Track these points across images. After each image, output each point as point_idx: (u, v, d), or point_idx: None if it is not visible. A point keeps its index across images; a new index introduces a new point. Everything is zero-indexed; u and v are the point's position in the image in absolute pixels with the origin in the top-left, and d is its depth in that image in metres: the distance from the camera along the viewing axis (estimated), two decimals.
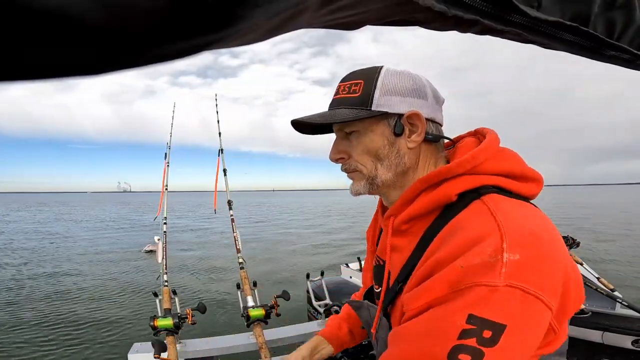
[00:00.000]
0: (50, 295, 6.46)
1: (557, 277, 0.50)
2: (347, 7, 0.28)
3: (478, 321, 0.46)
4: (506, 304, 0.46)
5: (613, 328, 1.65)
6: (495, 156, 0.61)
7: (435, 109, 0.65)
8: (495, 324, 0.46)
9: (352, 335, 0.99)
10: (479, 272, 0.48)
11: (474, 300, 0.47)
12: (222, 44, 0.21)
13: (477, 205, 0.56)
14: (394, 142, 0.63)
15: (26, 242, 13.01)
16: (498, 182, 0.59)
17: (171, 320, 1.38)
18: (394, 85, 0.61)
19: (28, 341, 4.54)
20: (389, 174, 0.64)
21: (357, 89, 0.62)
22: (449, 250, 0.53)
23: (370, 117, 0.61)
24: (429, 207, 0.61)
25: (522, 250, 0.48)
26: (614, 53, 0.50)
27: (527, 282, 0.47)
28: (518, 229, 0.51)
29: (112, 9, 0.16)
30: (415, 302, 0.55)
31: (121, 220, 23.09)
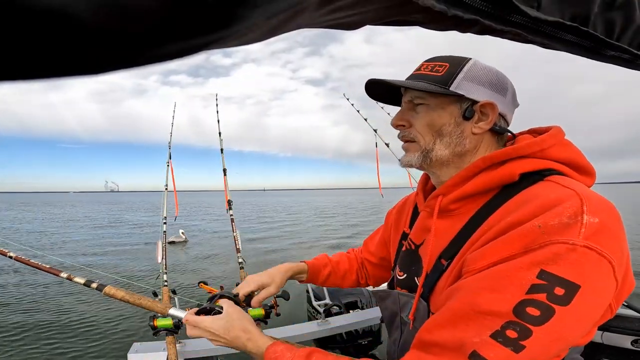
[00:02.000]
0: (50, 294, 6.46)
1: (625, 251, 0.50)
2: (346, 7, 0.28)
3: (551, 277, 0.45)
4: (582, 264, 0.45)
5: (613, 328, 1.65)
6: (560, 144, 0.62)
7: (510, 109, 0.67)
8: (569, 283, 0.45)
9: (327, 278, 1.08)
10: (557, 231, 0.47)
11: (548, 256, 0.46)
12: (222, 43, 0.21)
13: (545, 183, 0.56)
14: (460, 123, 0.65)
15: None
16: (561, 169, 0.59)
17: (171, 320, 1.37)
18: (478, 75, 0.64)
19: (28, 341, 4.54)
20: (446, 151, 0.66)
21: (440, 70, 0.65)
22: (523, 213, 0.52)
23: (445, 95, 0.64)
24: (488, 186, 0.61)
25: (602, 215, 0.48)
26: (613, 53, 0.50)
27: (603, 246, 0.46)
28: (596, 197, 0.51)
29: (112, 9, 0.16)
30: (478, 262, 0.53)
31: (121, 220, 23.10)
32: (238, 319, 0.76)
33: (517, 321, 0.46)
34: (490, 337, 0.47)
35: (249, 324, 0.77)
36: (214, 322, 0.76)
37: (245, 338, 0.73)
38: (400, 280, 0.78)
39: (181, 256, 10.07)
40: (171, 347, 1.34)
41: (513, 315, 0.46)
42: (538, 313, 0.45)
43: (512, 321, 0.46)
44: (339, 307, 2.12)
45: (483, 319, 0.48)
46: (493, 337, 0.47)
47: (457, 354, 0.49)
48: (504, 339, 0.46)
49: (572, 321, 0.46)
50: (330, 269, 1.09)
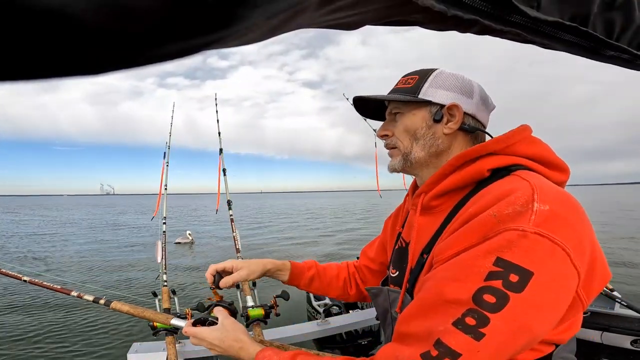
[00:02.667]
0: (50, 294, 6.45)
1: (585, 240, 0.50)
2: (346, 7, 0.28)
3: (505, 264, 0.47)
4: (534, 251, 0.47)
5: (612, 328, 1.65)
6: (527, 140, 0.65)
7: (480, 109, 0.72)
8: (522, 269, 0.46)
9: (310, 282, 1.07)
10: (510, 219, 0.49)
11: (502, 244, 0.48)
12: (222, 43, 0.21)
13: (510, 177, 0.60)
14: (432, 126, 0.71)
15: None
16: (528, 164, 0.62)
17: None
18: (443, 82, 0.70)
19: (27, 341, 4.54)
20: (422, 153, 0.71)
21: (411, 82, 0.73)
22: (481, 204, 0.55)
23: (415, 102, 0.71)
24: (462, 182, 0.65)
25: (553, 204, 0.50)
26: (613, 53, 0.50)
27: (555, 233, 0.47)
28: (549, 188, 0.53)
29: (112, 9, 0.16)
30: (444, 252, 0.56)
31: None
32: (232, 330, 0.82)
33: (476, 308, 0.47)
34: (452, 324, 0.48)
35: (241, 333, 0.82)
36: (210, 333, 0.83)
37: (237, 347, 0.79)
38: (392, 277, 0.82)
39: (181, 259, 10.08)
40: (171, 347, 1.34)
41: (472, 303, 0.47)
42: (494, 300, 0.46)
43: (471, 309, 0.47)
44: (338, 307, 2.13)
45: (447, 308, 0.50)
46: (454, 325, 0.48)
47: (424, 342, 0.50)
48: (464, 326, 0.47)
49: (530, 309, 0.46)
50: (315, 272, 1.08)
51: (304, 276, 1.07)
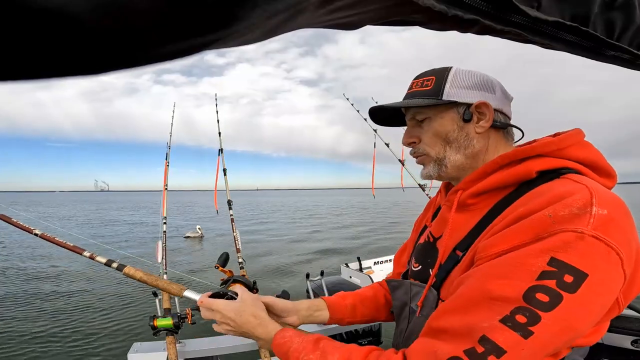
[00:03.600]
0: (50, 295, 6.46)
1: (634, 245, 0.51)
2: (346, 7, 0.28)
3: (560, 265, 0.46)
4: (590, 253, 0.47)
5: (612, 328, 1.65)
6: (579, 144, 0.63)
7: (504, 103, 0.70)
8: (578, 271, 0.46)
9: (353, 310, 0.95)
10: (567, 220, 0.49)
11: (558, 244, 0.48)
12: (222, 43, 0.21)
13: (561, 179, 0.58)
14: (463, 127, 0.69)
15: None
16: (579, 168, 0.61)
17: (171, 320, 1.37)
18: (463, 80, 0.68)
19: (27, 341, 4.54)
20: (458, 156, 0.69)
21: (429, 83, 0.70)
22: (534, 204, 0.54)
23: (440, 104, 0.68)
24: (506, 182, 0.63)
25: (610, 208, 0.49)
26: (613, 53, 0.50)
27: (611, 237, 0.47)
28: (605, 192, 0.53)
29: (112, 9, 0.16)
30: (489, 249, 0.55)
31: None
32: (252, 305, 0.78)
33: (527, 306, 0.47)
34: (499, 321, 0.48)
35: (260, 310, 0.78)
36: (227, 305, 0.78)
37: (255, 323, 0.75)
38: (414, 271, 0.79)
39: (181, 258, 10.08)
40: (171, 347, 1.34)
41: (523, 301, 0.47)
42: (547, 299, 0.46)
43: (522, 306, 0.47)
44: None
45: (493, 304, 0.49)
46: (502, 322, 0.47)
47: (466, 338, 0.49)
48: (513, 323, 0.47)
49: (579, 309, 0.47)
50: (352, 300, 0.96)
51: (343, 306, 0.95)
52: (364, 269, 5.37)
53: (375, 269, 5.59)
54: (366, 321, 0.98)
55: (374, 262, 5.68)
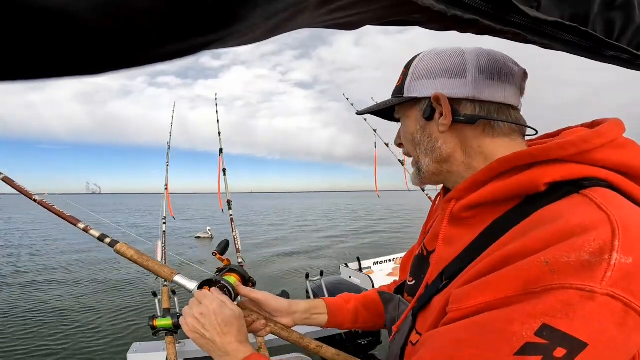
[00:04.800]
0: (50, 295, 6.45)
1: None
2: (346, 7, 0.28)
3: (553, 335, 0.35)
4: (598, 317, 0.35)
5: None
6: (614, 144, 0.47)
7: (481, 86, 0.54)
8: (574, 341, 0.34)
9: (355, 315, 0.86)
10: (572, 272, 0.36)
11: (555, 306, 0.35)
12: (222, 43, 0.21)
13: (577, 198, 0.43)
14: (425, 126, 0.58)
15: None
16: (611, 177, 0.45)
17: (170, 320, 1.37)
18: (425, 69, 0.57)
19: (28, 342, 4.54)
20: (428, 160, 0.59)
21: (401, 78, 0.61)
22: (530, 240, 0.41)
23: (404, 102, 0.59)
24: (505, 194, 0.49)
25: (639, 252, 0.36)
26: (613, 53, 0.50)
27: (632, 294, 0.35)
28: (637, 224, 0.38)
29: (112, 9, 0.16)
30: (468, 301, 0.43)
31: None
32: (243, 326, 0.69)
33: None
34: None
35: (245, 336, 0.69)
36: (219, 307, 0.67)
37: (232, 347, 0.64)
38: (409, 286, 0.70)
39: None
40: (171, 347, 1.34)
41: None
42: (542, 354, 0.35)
43: None
44: None
45: None
46: None
47: None
48: None
49: None
50: (356, 303, 0.88)
51: (345, 310, 0.86)
52: (364, 269, 5.37)
53: (375, 269, 5.60)
54: (368, 328, 0.90)
55: (373, 262, 5.68)
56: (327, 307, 0.86)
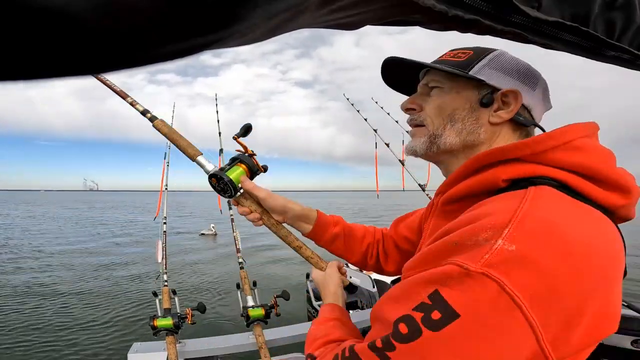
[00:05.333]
0: (50, 295, 6.46)
1: (566, 300, 0.40)
2: (347, 7, 0.28)
3: (438, 299, 0.41)
4: (472, 292, 0.40)
5: None
6: (568, 146, 0.50)
7: (538, 104, 0.60)
8: (448, 308, 0.40)
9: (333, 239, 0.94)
10: (463, 251, 0.42)
11: (442, 277, 0.42)
12: (222, 44, 0.21)
13: (507, 193, 0.49)
14: (476, 109, 0.59)
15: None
16: (566, 178, 0.48)
17: (171, 320, 1.37)
18: (504, 64, 0.59)
19: (28, 342, 4.54)
20: (457, 139, 0.60)
21: (462, 56, 0.61)
22: (454, 224, 0.48)
23: (461, 78, 0.60)
24: (474, 189, 0.54)
25: (527, 244, 0.40)
26: (614, 53, 0.50)
27: (509, 279, 0.39)
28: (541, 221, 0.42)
29: (112, 9, 0.16)
30: (407, 271, 0.51)
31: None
32: None
33: (389, 334, 0.44)
34: (368, 342, 0.47)
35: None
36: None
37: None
38: None
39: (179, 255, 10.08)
40: (171, 347, 1.34)
41: (391, 327, 0.44)
42: (406, 331, 0.43)
43: (389, 333, 0.45)
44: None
45: (376, 324, 0.49)
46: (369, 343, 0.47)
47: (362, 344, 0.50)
48: (374, 347, 0.46)
49: (441, 351, 0.41)
50: (341, 230, 0.94)
51: (329, 231, 0.93)
52: None
53: None
54: (337, 255, 0.98)
55: None
56: (315, 221, 0.92)
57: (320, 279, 0.87)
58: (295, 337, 1.60)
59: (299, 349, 1.84)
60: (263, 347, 1.37)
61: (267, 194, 0.87)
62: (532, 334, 0.40)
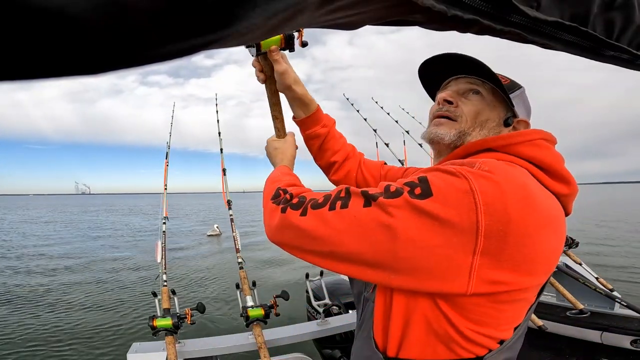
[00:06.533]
0: (50, 295, 6.45)
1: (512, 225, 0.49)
2: (346, 7, 0.28)
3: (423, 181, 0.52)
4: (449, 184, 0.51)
5: (612, 328, 1.66)
6: (530, 143, 0.63)
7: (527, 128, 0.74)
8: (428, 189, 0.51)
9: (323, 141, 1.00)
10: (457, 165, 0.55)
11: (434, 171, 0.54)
12: (222, 43, 0.21)
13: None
14: (500, 124, 0.72)
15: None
16: (528, 167, 0.60)
17: (170, 320, 1.37)
18: (524, 99, 0.75)
19: (26, 342, 4.54)
20: (477, 137, 0.71)
21: (504, 80, 0.72)
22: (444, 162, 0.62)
23: (501, 96, 0.71)
24: None
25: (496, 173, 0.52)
26: (613, 53, 0.50)
27: (481, 187, 0.49)
28: (508, 167, 0.55)
29: (111, 9, 0.16)
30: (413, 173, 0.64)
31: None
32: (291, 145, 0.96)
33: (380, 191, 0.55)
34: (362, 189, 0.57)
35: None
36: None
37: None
38: None
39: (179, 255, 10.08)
40: (170, 347, 1.34)
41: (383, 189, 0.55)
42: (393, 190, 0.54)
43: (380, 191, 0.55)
44: (338, 307, 2.12)
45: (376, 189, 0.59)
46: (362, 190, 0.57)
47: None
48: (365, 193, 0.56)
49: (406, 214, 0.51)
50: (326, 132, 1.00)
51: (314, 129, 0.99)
52: None
53: None
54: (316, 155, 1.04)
55: None
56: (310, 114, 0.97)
57: (280, 145, 0.93)
58: (294, 337, 1.60)
59: (299, 348, 1.84)
60: (262, 347, 1.37)
61: (285, 69, 0.88)
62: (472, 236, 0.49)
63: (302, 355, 1.64)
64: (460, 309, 0.55)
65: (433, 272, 0.51)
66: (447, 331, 0.56)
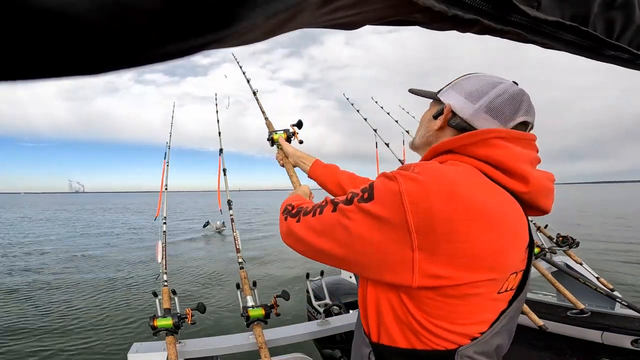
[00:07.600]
0: (50, 295, 6.46)
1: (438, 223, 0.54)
2: (346, 7, 0.28)
3: (370, 187, 0.60)
4: (386, 187, 0.57)
5: (612, 328, 1.65)
6: (484, 143, 0.64)
7: (478, 117, 0.70)
8: (371, 193, 0.58)
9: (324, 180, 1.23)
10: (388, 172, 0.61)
11: (380, 177, 0.61)
12: (222, 43, 0.21)
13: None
14: (431, 120, 0.78)
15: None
16: (483, 168, 0.63)
17: (171, 320, 1.37)
18: (462, 85, 0.73)
19: (27, 342, 4.54)
20: (419, 141, 0.81)
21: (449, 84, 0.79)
22: None
23: (433, 99, 0.80)
24: None
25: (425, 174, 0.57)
26: (613, 53, 0.50)
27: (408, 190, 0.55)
28: (442, 168, 0.59)
29: (112, 9, 0.16)
30: None
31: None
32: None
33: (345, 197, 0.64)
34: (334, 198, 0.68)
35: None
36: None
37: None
38: None
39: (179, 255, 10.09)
40: (171, 347, 1.34)
41: (348, 195, 0.64)
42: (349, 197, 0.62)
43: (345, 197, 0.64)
44: (338, 307, 2.12)
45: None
46: (333, 199, 0.68)
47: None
48: (332, 200, 0.66)
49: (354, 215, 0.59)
50: (323, 170, 1.24)
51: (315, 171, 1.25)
52: None
53: None
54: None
55: None
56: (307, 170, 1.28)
57: (296, 191, 1.12)
58: (295, 337, 1.59)
59: (299, 348, 1.84)
60: (263, 347, 1.37)
61: (292, 151, 1.32)
62: (407, 234, 0.54)
63: (302, 355, 1.64)
64: (417, 301, 0.59)
65: (385, 264, 0.57)
66: (410, 321, 0.61)
